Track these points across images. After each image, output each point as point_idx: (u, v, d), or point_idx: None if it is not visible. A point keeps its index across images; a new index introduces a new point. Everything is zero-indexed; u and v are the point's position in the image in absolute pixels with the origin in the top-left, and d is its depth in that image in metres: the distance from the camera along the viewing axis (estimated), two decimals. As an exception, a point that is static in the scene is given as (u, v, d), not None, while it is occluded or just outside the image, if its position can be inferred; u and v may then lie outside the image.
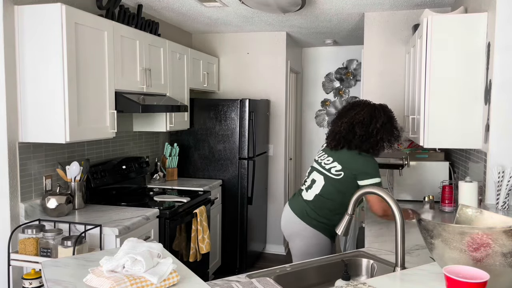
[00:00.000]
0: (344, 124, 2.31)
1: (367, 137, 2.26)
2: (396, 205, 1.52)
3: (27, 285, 2.23)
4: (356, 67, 5.49)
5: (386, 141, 2.30)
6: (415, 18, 3.59)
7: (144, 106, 2.83)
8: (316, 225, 2.31)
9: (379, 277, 1.41)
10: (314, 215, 2.31)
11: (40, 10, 2.34)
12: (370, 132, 2.25)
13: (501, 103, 2.22)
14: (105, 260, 1.41)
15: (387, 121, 2.29)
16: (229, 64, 4.70)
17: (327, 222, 2.30)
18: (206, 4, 3.39)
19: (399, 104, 3.67)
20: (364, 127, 2.26)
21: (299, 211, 2.36)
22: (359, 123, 2.27)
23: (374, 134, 2.25)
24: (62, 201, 2.51)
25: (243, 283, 1.52)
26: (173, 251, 2.92)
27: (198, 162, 4.12)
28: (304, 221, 2.32)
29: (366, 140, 2.26)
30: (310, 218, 2.31)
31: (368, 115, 2.28)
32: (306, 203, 2.35)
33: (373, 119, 2.27)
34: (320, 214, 2.31)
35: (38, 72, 2.37)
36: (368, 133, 2.25)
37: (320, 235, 2.31)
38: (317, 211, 2.31)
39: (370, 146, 2.27)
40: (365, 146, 2.27)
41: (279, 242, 4.76)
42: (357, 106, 2.35)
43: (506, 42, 2.19)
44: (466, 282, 1.06)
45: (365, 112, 2.29)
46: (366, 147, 2.27)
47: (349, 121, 2.30)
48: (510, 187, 2.14)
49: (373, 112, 2.29)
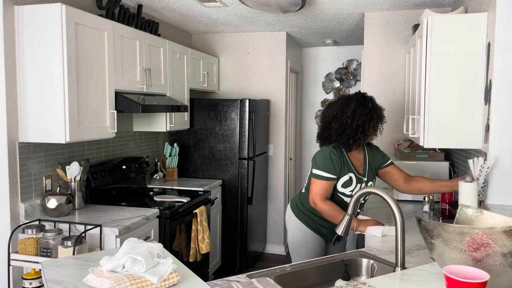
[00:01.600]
0: (321, 123, 2.34)
1: (343, 129, 2.20)
2: (396, 205, 1.52)
3: (27, 285, 2.23)
4: (356, 67, 5.50)
5: (366, 126, 2.18)
6: (415, 18, 3.59)
7: (144, 106, 2.83)
8: (298, 214, 2.40)
9: (379, 277, 1.41)
10: (301, 207, 2.40)
11: (40, 10, 2.34)
12: (344, 123, 2.19)
13: (501, 103, 2.22)
14: (105, 260, 1.41)
15: (359, 105, 2.19)
16: (229, 64, 4.70)
17: (308, 214, 2.35)
18: (206, 4, 3.39)
19: (399, 104, 3.67)
20: (338, 120, 2.21)
21: (293, 203, 2.48)
22: (334, 118, 2.23)
23: (348, 123, 2.18)
24: (62, 201, 2.51)
25: (243, 283, 1.52)
26: (173, 251, 2.92)
27: (198, 162, 4.12)
28: (293, 212, 2.44)
29: (343, 133, 2.20)
30: (298, 209, 2.41)
31: (339, 108, 2.23)
32: (299, 196, 2.47)
33: (344, 109, 2.21)
34: (305, 206, 2.38)
35: (38, 72, 2.37)
36: (343, 124, 2.19)
37: (302, 225, 2.37)
38: (302, 203, 2.41)
39: (349, 137, 2.19)
40: (343, 138, 2.21)
41: (279, 242, 4.76)
42: (332, 104, 2.31)
43: (506, 42, 2.19)
44: (466, 282, 1.06)
45: (338, 105, 2.25)
46: (344, 139, 2.21)
47: (324, 119, 2.29)
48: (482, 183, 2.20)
49: (344, 103, 2.23)
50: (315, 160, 2.28)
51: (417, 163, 2.95)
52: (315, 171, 2.25)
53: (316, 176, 2.23)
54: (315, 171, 2.25)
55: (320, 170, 2.22)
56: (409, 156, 3.01)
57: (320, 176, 2.22)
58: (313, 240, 2.37)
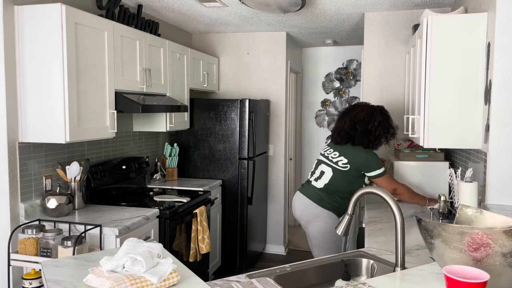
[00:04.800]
0: (347, 122, 2.67)
1: (366, 134, 2.61)
2: (396, 205, 1.52)
3: (27, 285, 2.23)
4: (356, 67, 5.50)
5: (383, 137, 2.66)
6: (415, 18, 3.59)
7: (144, 106, 2.83)
8: (330, 208, 2.63)
9: (379, 277, 1.41)
10: (328, 199, 2.63)
11: (40, 10, 2.34)
12: (369, 130, 2.61)
13: (501, 103, 2.22)
14: (105, 260, 1.41)
15: (384, 119, 2.66)
16: (229, 64, 4.70)
17: (338, 206, 2.64)
18: (206, 4, 3.39)
19: (399, 104, 3.67)
20: (364, 125, 2.62)
21: (315, 197, 2.66)
22: (360, 121, 2.63)
23: (373, 131, 2.61)
24: (62, 201, 2.51)
25: (243, 283, 1.52)
26: (173, 251, 2.92)
27: (198, 162, 4.12)
28: (319, 205, 2.64)
29: (366, 137, 2.61)
30: (325, 202, 2.63)
31: (367, 115, 2.64)
32: (319, 190, 2.66)
33: (371, 118, 2.63)
34: (332, 199, 2.63)
35: (38, 72, 2.37)
36: (368, 130, 2.61)
37: (334, 215, 2.64)
38: (329, 197, 2.63)
39: (370, 141, 2.62)
40: (366, 141, 2.62)
41: (279, 242, 4.76)
42: (358, 107, 2.72)
43: (506, 42, 2.19)
44: (466, 282, 1.06)
45: (365, 112, 2.66)
46: (366, 142, 2.62)
47: (351, 120, 2.66)
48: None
49: (371, 112, 2.66)
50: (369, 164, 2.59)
51: (417, 163, 2.95)
52: (379, 171, 2.59)
53: (379, 175, 2.60)
54: (379, 171, 2.59)
55: (380, 168, 2.60)
56: (409, 156, 3.01)
57: (382, 173, 2.60)
58: None
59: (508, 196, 2.25)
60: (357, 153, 2.62)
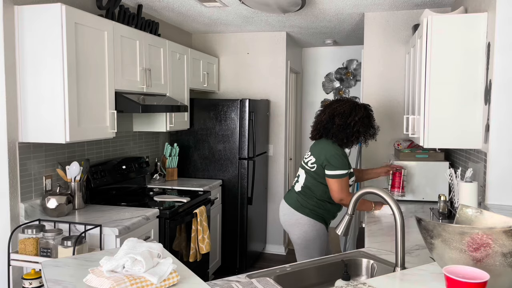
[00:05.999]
0: (326, 114, 2.53)
1: (344, 127, 2.46)
2: (396, 205, 1.52)
3: (27, 285, 2.23)
4: (356, 67, 5.50)
5: (362, 134, 2.50)
6: (415, 18, 3.59)
7: (144, 106, 2.83)
8: (308, 213, 2.51)
9: (379, 277, 1.41)
10: (306, 203, 2.51)
11: (40, 10, 2.34)
12: (348, 123, 2.45)
13: (501, 103, 2.22)
14: (105, 260, 1.41)
15: (366, 116, 2.50)
16: (229, 64, 4.70)
17: (317, 210, 2.51)
18: (206, 4, 3.39)
19: (399, 104, 3.67)
20: (343, 118, 2.46)
21: (293, 203, 2.57)
22: (340, 114, 2.47)
23: (351, 125, 2.45)
24: (62, 201, 2.51)
25: (243, 283, 1.52)
26: (173, 251, 2.92)
27: (198, 162, 4.12)
28: (298, 211, 2.53)
29: (343, 130, 2.46)
30: (303, 207, 2.52)
31: (349, 108, 2.49)
32: (297, 194, 2.57)
33: (352, 112, 2.47)
34: (310, 202, 2.51)
35: (38, 72, 2.37)
36: (346, 124, 2.45)
37: (314, 221, 2.51)
38: (307, 200, 2.52)
39: (346, 136, 2.46)
40: (341, 135, 2.46)
41: (279, 242, 4.76)
42: (341, 101, 2.57)
43: (506, 42, 2.19)
44: (466, 282, 1.06)
45: (347, 105, 2.50)
46: (341, 136, 2.46)
47: (331, 112, 2.51)
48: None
49: (354, 106, 2.50)
50: (328, 161, 2.43)
51: (417, 163, 2.95)
52: (332, 172, 2.42)
53: (335, 176, 2.42)
54: (332, 172, 2.42)
55: (337, 170, 2.42)
56: (409, 156, 3.01)
57: (339, 175, 2.42)
58: (324, 231, 2.54)
59: (508, 196, 2.25)
60: (323, 149, 2.48)
